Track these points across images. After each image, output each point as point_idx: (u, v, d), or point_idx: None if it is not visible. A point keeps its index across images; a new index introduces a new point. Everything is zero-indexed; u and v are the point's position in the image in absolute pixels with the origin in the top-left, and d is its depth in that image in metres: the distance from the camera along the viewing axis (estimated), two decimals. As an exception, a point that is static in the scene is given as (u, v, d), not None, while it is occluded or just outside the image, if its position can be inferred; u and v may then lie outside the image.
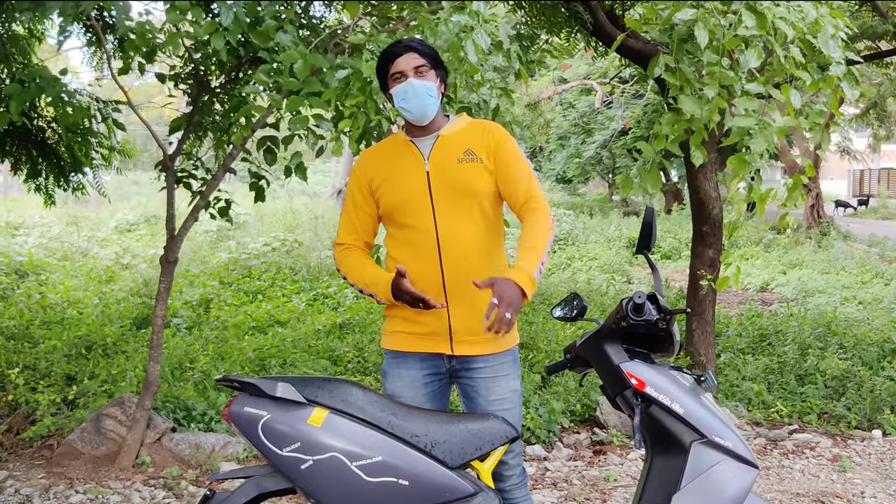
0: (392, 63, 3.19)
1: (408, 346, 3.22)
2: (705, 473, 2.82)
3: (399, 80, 3.17)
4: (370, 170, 3.30)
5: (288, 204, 21.10)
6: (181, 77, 5.67)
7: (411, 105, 3.16)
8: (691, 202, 7.34)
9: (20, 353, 7.00)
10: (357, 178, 3.32)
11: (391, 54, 3.20)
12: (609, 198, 36.29)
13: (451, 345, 3.18)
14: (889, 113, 24.05)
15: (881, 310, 10.93)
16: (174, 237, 5.45)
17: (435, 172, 3.18)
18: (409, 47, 3.18)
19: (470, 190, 3.17)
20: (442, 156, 3.20)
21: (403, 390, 3.18)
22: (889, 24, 8.99)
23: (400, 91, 3.17)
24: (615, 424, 6.22)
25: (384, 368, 3.30)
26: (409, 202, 3.19)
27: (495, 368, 3.22)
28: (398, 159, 3.26)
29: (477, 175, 3.18)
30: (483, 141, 3.22)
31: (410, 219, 3.19)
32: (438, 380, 3.25)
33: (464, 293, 3.13)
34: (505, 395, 3.22)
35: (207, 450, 5.47)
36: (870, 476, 5.54)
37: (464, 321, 3.16)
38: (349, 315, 9.35)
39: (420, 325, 3.19)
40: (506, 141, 3.24)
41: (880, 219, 34.40)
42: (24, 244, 15.14)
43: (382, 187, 3.25)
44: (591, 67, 24.93)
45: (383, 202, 3.25)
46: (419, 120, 3.20)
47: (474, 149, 3.20)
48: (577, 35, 8.35)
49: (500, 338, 3.10)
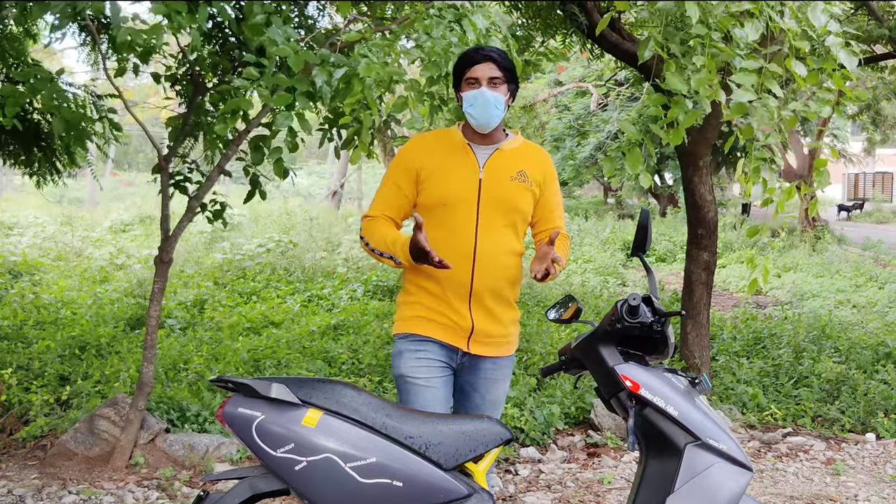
0: (470, 68, 3.30)
1: (430, 331, 3.31)
2: (699, 476, 2.82)
3: (473, 85, 3.29)
4: (422, 157, 3.37)
5: (283, 205, 21.06)
6: (177, 78, 5.66)
7: (478, 112, 3.27)
8: (686, 205, 7.35)
9: (13, 353, 6.98)
10: (405, 161, 3.38)
11: (471, 59, 3.30)
12: (604, 200, 36.34)
13: (468, 342, 3.31)
14: (884, 116, 24.10)
15: (875, 313, 10.95)
16: (169, 238, 5.44)
17: (487, 182, 3.31)
18: (489, 57, 3.29)
19: (515, 207, 3.34)
20: (497, 168, 3.33)
21: (420, 371, 3.27)
22: (885, 28, 9.00)
23: (471, 97, 3.27)
24: (610, 427, 6.22)
25: (399, 349, 3.36)
26: (455, 203, 3.29)
27: (498, 372, 3.40)
28: (453, 157, 3.35)
29: (524, 197, 3.36)
30: (537, 167, 3.40)
31: (452, 219, 3.29)
32: (450, 371, 3.35)
33: (485, 300, 3.31)
34: (499, 398, 3.43)
35: (201, 451, 5.46)
36: (863, 479, 5.54)
37: (483, 323, 3.31)
38: (344, 316, 9.34)
39: (443, 317, 3.29)
40: (554, 176, 3.47)
41: (875, 222, 34.51)
42: (19, 244, 15.08)
43: (431, 179, 3.32)
44: (587, 70, 24.97)
45: (428, 194, 3.33)
46: (482, 127, 3.31)
47: (528, 172, 3.37)
48: (572, 37, 8.35)
49: (508, 343, 3.40)
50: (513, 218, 3.34)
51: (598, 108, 26.82)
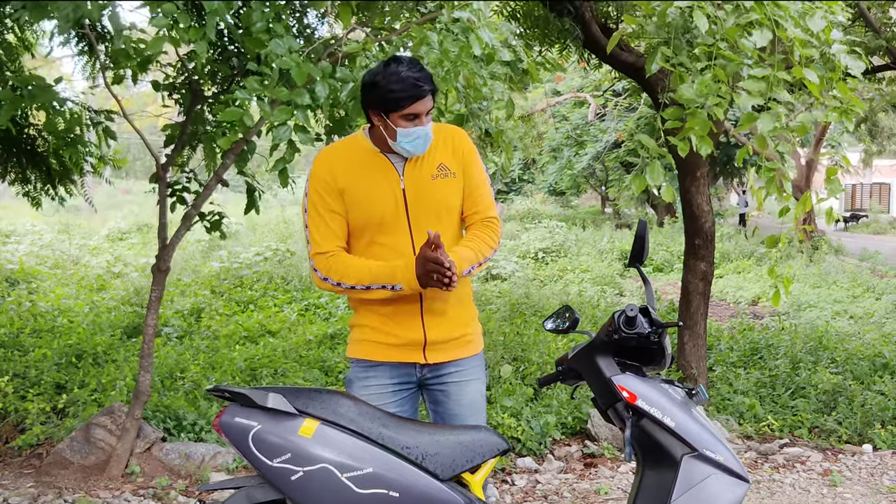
0: (411, 103, 2.99)
1: (379, 355, 3.17)
2: (696, 487, 2.82)
3: (413, 121, 3.02)
4: (339, 176, 3.11)
5: (280, 214, 21.06)
6: (175, 86, 5.66)
7: (416, 148, 3.06)
8: (684, 215, 7.36)
9: (10, 361, 6.97)
10: (324, 182, 3.11)
11: (413, 94, 2.98)
12: (601, 210, 36.39)
13: (424, 353, 3.17)
14: (881, 128, 24.15)
15: (872, 324, 10.96)
16: (166, 246, 5.44)
17: (411, 190, 3.10)
18: (430, 91, 3.03)
19: (446, 206, 3.15)
20: (416, 172, 3.12)
21: (370, 399, 3.08)
22: (882, 40, 9.02)
23: (411, 134, 3.03)
24: (606, 437, 6.21)
25: (350, 377, 3.24)
26: (386, 220, 3.09)
27: (465, 373, 3.23)
28: (369, 171, 3.12)
29: (452, 191, 3.16)
30: (453, 152, 3.17)
31: (384, 237, 3.11)
32: (408, 389, 3.23)
33: (439, 308, 3.15)
34: (476, 399, 3.25)
35: (197, 460, 5.45)
36: (860, 490, 5.54)
37: (437, 331, 3.16)
38: (340, 325, 9.34)
39: (392, 337, 3.15)
40: (473, 153, 3.22)
41: (872, 233, 34.55)
42: (16, 252, 15.10)
43: (354, 200, 3.09)
44: (585, 80, 25.04)
45: (355, 216, 3.11)
46: (410, 155, 3.10)
47: (446, 163, 3.15)
48: (570, 47, 8.37)
49: (469, 342, 3.23)
50: (447, 218, 3.13)
51: (596, 118, 26.89)
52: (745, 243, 21.35)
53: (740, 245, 21.01)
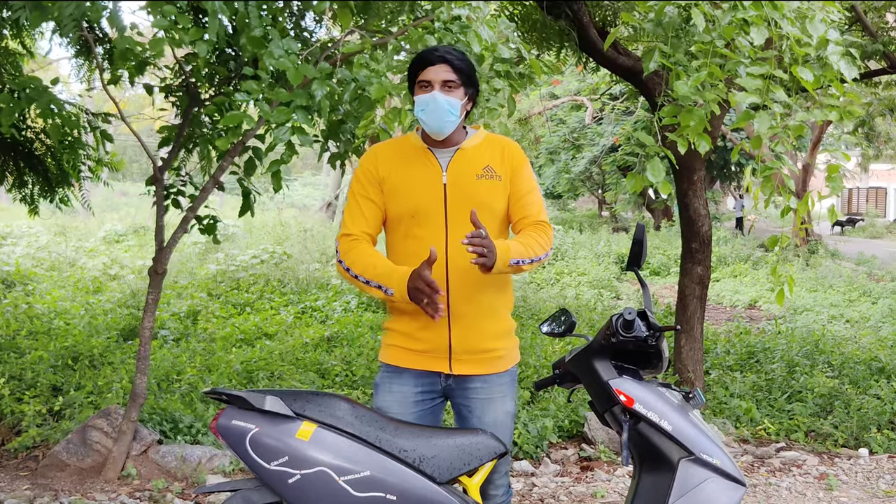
0: (422, 70, 3.07)
1: (404, 361, 3.15)
2: (693, 491, 2.82)
3: (425, 88, 3.07)
4: (382, 166, 3.16)
5: (277, 216, 21.07)
6: (172, 89, 5.66)
7: (430, 118, 3.07)
8: (681, 219, 7.37)
9: (6, 363, 6.97)
10: (367, 171, 3.17)
11: (425, 61, 3.07)
12: (598, 213, 36.41)
13: (449, 363, 3.12)
14: (878, 132, 24.19)
15: (869, 328, 10.99)
16: (163, 249, 5.43)
17: (453, 186, 3.10)
18: (444, 58, 3.06)
19: (487, 207, 3.11)
20: (461, 169, 3.12)
21: (392, 406, 3.11)
22: (879, 44, 9.05)
23: (423, 101, 3.07)
24: (603, 440, 6.21)
25: (377, 381, 3.23)
26: (422, 213, 3.09)
27: (492, 390, 3.16)
28: (413, 165, 3.15)
29: (495, 193, 3.14)
30: (503, 159, 3.17)
31: (420, 230, 3.10)
32: (432, 398, 3.19)
33: (466, 313, 3.09)
34: (498, 418, 3.17)
35: (194, 462, 5.44)
36: (856, 494, 5.54)
37: (464, 340, 3.10)
38: (337, 328, 9.34)
39: (419, 342, 3.12)
40: (524, 162, 3.22)
41: (868, 237, 34.62)
42: (12, 254, 15.07)
43: (394, 190, 3.13)
44: (582, 84, 25.05)
45: (392, 206, 3.14)
46: (435, 134, 3.11)
47: (494, 166, 3.15)
48: (567, 51, 8.38)
49: (499, 358, 3.15)
50: (486, 219, 3.03)
51: (593, 121, 26.92)
52: (741, 247, 21.41)
53: (737, 249, 21.06)
